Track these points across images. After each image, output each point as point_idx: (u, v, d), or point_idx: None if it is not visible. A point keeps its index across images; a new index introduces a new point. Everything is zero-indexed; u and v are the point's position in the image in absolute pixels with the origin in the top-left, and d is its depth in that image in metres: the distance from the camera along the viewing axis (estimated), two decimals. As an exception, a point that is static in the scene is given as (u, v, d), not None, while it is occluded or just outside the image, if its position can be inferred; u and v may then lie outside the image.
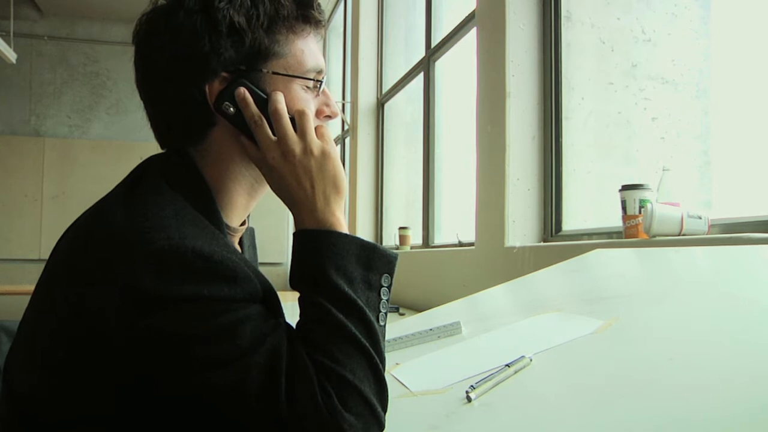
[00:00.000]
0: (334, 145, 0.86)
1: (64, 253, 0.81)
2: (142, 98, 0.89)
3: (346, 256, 0.79)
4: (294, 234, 0.83)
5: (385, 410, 0.76)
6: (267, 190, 0.92)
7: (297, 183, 0.82)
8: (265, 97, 0.84)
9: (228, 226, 0.88)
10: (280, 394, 0.70)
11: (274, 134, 0.83)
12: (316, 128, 0.85)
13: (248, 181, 0.89)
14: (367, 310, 0.78)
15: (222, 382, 0.70)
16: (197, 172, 0.85)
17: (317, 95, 0.89)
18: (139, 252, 0.72)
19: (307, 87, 0.88)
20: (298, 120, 0.84)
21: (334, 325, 0.76)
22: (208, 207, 0.83)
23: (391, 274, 0.82)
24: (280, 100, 0.84)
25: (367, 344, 0.76)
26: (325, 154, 0.84)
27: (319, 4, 0.90)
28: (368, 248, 0.81)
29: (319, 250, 0.79)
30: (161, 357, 0.71)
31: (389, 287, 0.81)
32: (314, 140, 0.84)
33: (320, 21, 0.89)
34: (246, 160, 0.87)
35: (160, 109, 0.88)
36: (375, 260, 0.80)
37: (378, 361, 0.76)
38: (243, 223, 0.94)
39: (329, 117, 0.91)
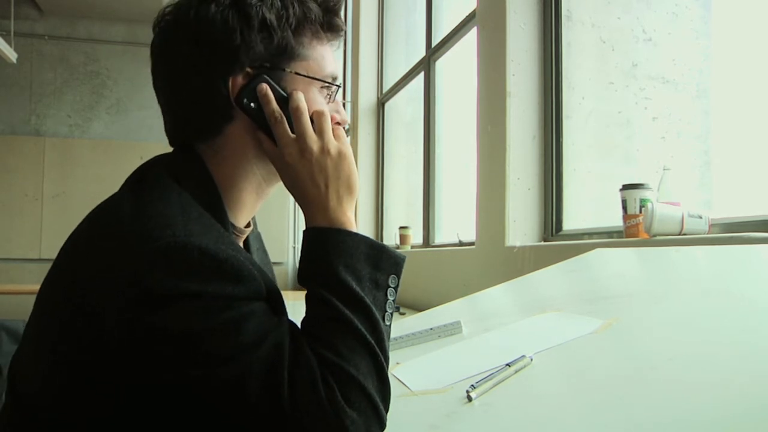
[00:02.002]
0: (349, 146, 0.88)
1: (69, 253, 0.81)
2: (156, 89, 0.89)
3: (355, 254, 0.80)
4: (304, 231, 0.84)
5: (387, 408, 0.76)
6: (273, 190, 0.93)
7: (311, 181, 0.84)
8: (286, 95, 0.86)
9: (234, 226, 0.88)
10: (283, 389, 0.71)
11: (292, 132, 0.85)
12: (332, 130, 0.87)
13: (257, 180, 0.89)
14: (374, 309, 0.78)
15: (224, 378, 0.71)
16: (206, 170, 0.86)
17: (330, 101, 0.91)
18: (144, 249, 0.72)
19: (323, 92, 0.90)
20: (316, 120, 0.86)
21: (340, 321, 0.76)
22: (215, 205, 0.84)
23: (398, 275, 0.82)
24: (301, 99, 0.86)
25: (373, 341, 0.76)
26: (341, 155, 0.85)
27: (341, 12, 0.92)
28: (377, 248, 0.82)
29: (329, 247, 0.80)
30: (164, 354, 0.71)
31: (396, 288, 0.82)
32: (331, 140, 0.86)
33: (342, 29, 0.92)
34: (258, 157, 0.88)
35: (177, 101, 0.88)
36: (383, 260, 0.81)
37: (382, 359, 0.77)
38: (248, 225, 0.94)
39: (339, 124, 0.92)
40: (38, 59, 6.81)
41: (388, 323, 0.80)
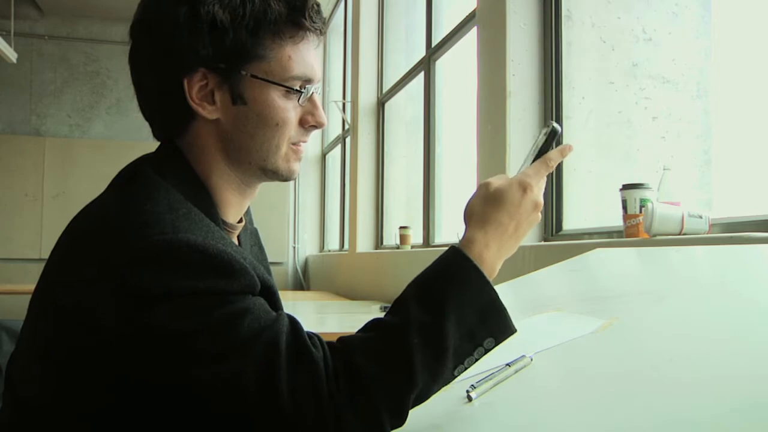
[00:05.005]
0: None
1: (60, 253, 0.81)
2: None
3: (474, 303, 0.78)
4: (452, 248, 0.82)
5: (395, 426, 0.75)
6: (257, 190, 0.93)
7: None
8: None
9: (225, 222, 0.88)
10: (280, 385, 0.70)
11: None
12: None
13: (233, 179, 0.88)
14: (450, 354, 0.76)
15: (220, 375, 0.70)
16: (188, 165, 0.85)
17: (304, 102, 0.87)
18: (133, 247, 0.72)
19: (290, 95, 0.85)
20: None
21: (399, 344, 0.74)
22: (203, 199, 0.83)
23: (498, 341, 0.80)
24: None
25: (420, 379, 0.74)
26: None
27: (317, 11, 0.87)
28: (497, 307, 0.80)
29: (455, 278, 0.79)
30: (158, 352, 0.71)
31: (487, 351, 0.80)
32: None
33: (313, 28, 0.87)
34: (227, 159, 0.87)
35: (142, 100, 0.89)
36: (494, 320, 0.79)
37: (414, 396, 0.75)
38: (240, 221, 0.93)
39: (314, 126, 0.89)
40: (38, 59, 6.80)
41: (456, 374, 0.78)
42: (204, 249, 0.72)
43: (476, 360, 0.79)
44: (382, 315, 0.79)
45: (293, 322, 0.76)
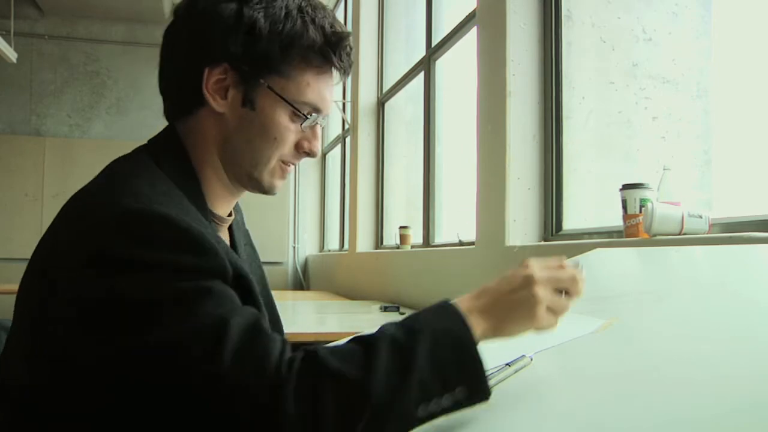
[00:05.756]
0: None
1: (44, 239, 0.83)
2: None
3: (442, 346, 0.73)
4: (450, 304, 0.79)
5: None
6: (244, 191, 0.95)
7: None
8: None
9: (213, 214, 0.89)
10: (223, 363, 0.66)
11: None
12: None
13: (224, 177, 0.91)
14: (415, 382, 0.69)
15: (166, 345, 0.68)
16: (186, 156, 0.88)
17: (304, 127, 0.90)
18: (105, 214, 0.73)
19: (296, 117, 0.88)
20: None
21: (366, 347, 0.70)
22: (193, 188, 0.86)
23: (470, 396, 0.74)
24: None
25: (376, 385, 0.67)
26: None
27: (348, 54, 0.90)
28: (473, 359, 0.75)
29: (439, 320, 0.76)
30: (116, 319, 0.69)
31: (455, 404, 0.73)
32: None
33: (339, 67, 0.90)
34: (222, 154, 0.90)
35: (163, 72, 0.92)
36: (470, 370, 0.74)
37: (365, 418, 0.66)
38: (230, 215, 0.96)
39: (307, 154, 0.92)
40: (38, 59, 6.80)
41: (419, 413, 0.69)
42: (176, 223, 0.73)
43: (443, 409, 0.72)
44: (381, 315, 0.79)
45: (257, 316, 0.72)
